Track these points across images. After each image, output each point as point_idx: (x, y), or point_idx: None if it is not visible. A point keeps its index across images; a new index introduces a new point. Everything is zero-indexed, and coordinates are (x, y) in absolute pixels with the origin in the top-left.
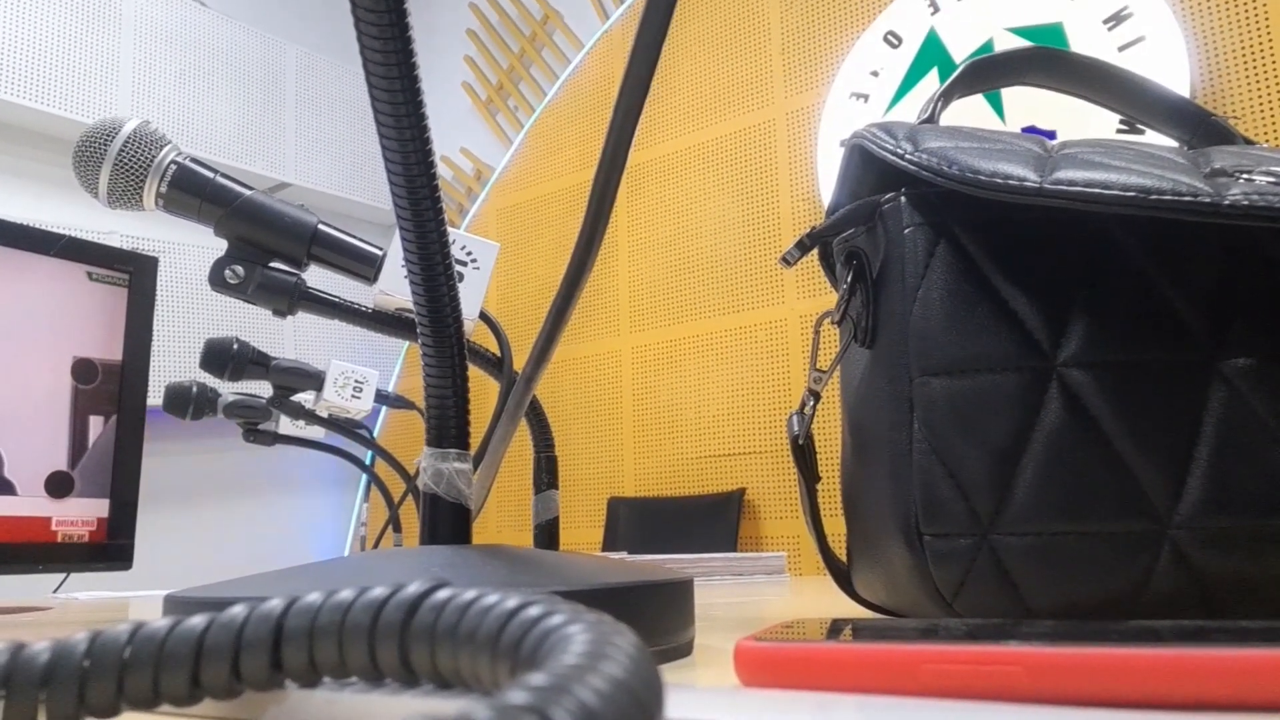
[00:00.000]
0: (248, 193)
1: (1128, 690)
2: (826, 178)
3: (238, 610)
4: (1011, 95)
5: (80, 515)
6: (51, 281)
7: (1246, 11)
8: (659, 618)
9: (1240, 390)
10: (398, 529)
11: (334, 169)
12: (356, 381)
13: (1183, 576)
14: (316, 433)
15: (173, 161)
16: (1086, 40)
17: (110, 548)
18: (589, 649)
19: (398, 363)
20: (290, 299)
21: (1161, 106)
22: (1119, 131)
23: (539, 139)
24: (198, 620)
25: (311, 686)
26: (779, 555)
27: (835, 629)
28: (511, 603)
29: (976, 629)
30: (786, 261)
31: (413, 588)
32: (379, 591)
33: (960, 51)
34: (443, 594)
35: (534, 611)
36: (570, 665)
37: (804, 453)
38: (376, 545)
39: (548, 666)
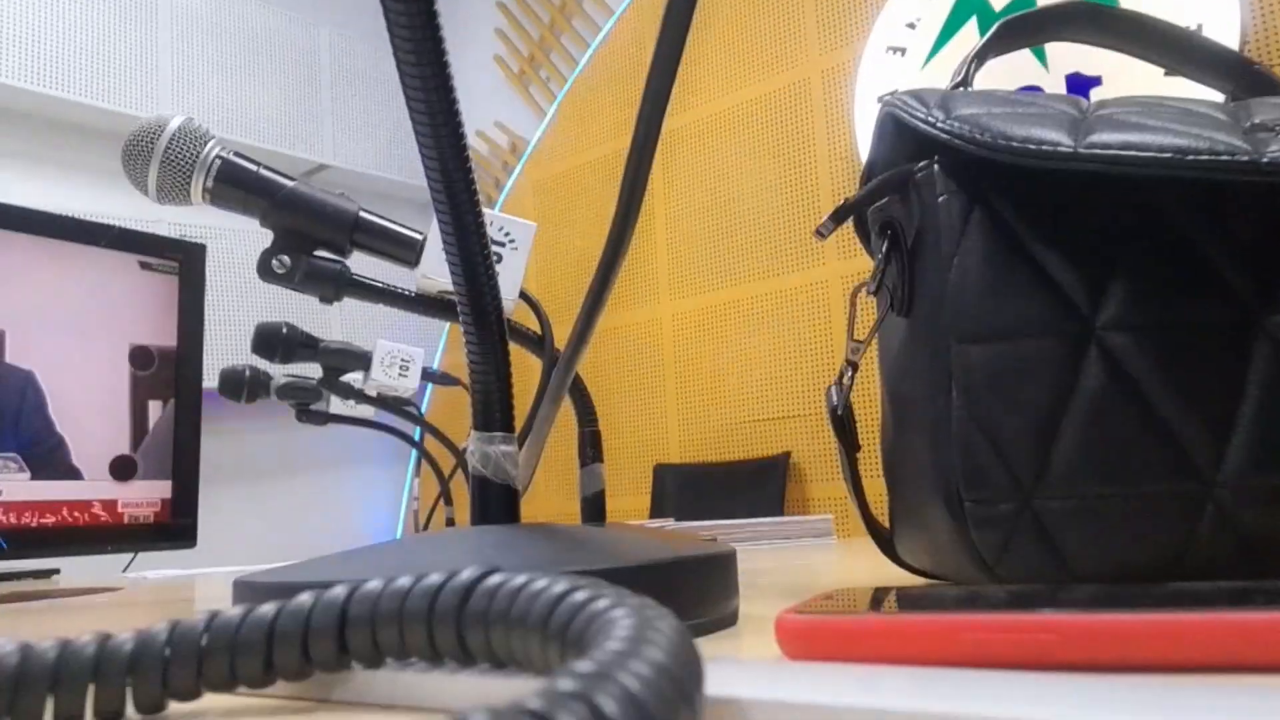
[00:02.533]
0: (290, 184)
1: (1164, 655)
2: (864, 135)
3: (305, 598)
4: (1055, 43)
5: (144, 497)
6: (104, 272)
7: None
8: (703, 591)
9: None
10: (449, 502)
11: (372, 150)
12: (403, 360)
13: (1227, 536)
14: (366, 411)
15: (217, 156)
16: None
17: (174, 527)
18: (632, 634)
19: (441, 339)
20: (336, 286)
21: (1204, 58)
22: (1167, 75)
23: (572, 109)
24: (268, 608)
25: (376, 667)
26: (825, 518)
27: (876, 599)
28: (559, 587)
29: (1015, 596)
30: (821, 235)
31: (466, 574)
32: (435, 578)
33: None
34: (494, 579)
35: (580, 596)
36: (615, 651)
37: (843, 423)
38: (429, 519)
39: (593, 653)
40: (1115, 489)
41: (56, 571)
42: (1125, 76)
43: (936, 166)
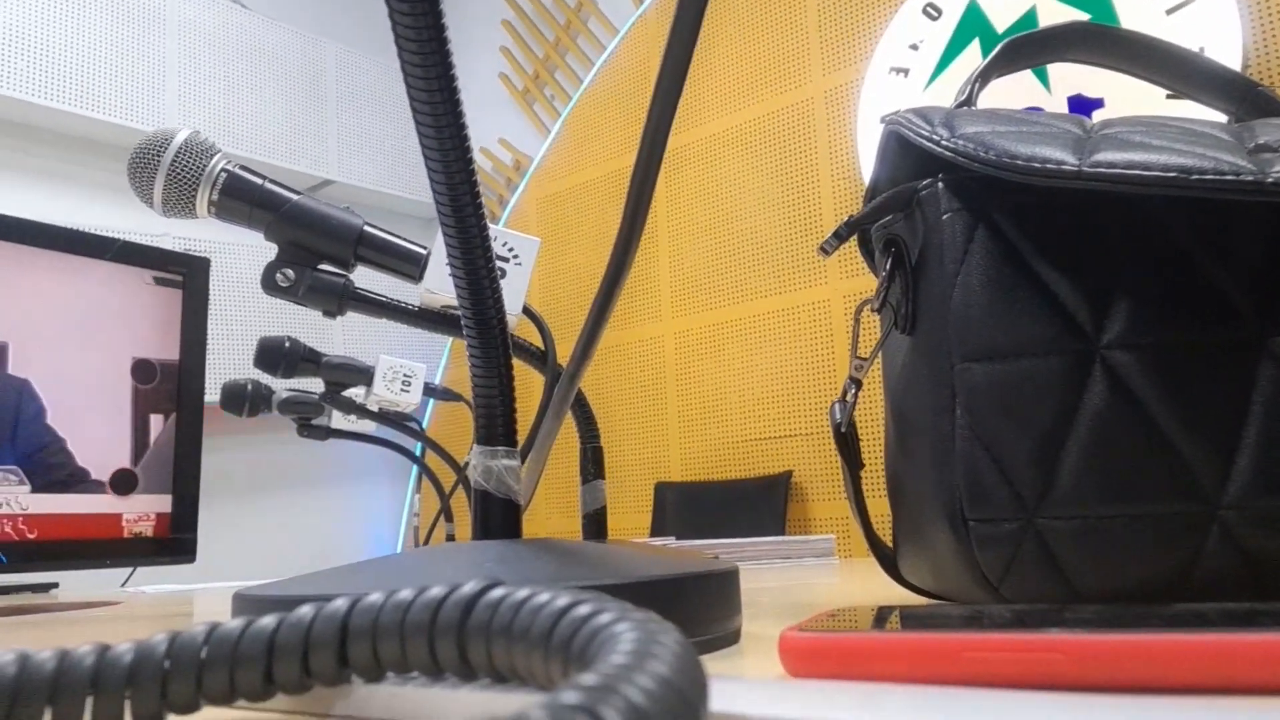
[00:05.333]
0: (295, 198)
1: (1172, 676)
2: (867, 155)
3: (306, 610)
4: (1057, 65)
5: (145, 511)
6: (109, 285)
7: None
8: (705, 608)
9: None
10: (449, 518)
11: (376, 165)
12: (405, 375)
13: (1232, 557)
14: (368, 426)
15: (223, 169)
16: (1132, 4)
17: (174, 542)
18: (636, 648)
19: (444, 355)
20: (339, 300)
21: (1207, 79)
22: (1169, 98)
23: (577, 127)
24: (269, 620)
25: (376, 681)
26: (828, 538)
27: (880, 617)
28: (562, 601)
29: (1020, 615)
30: (824, 251)
31: (468, 587)
32: (437, 591)
33: (1002, 21)
34: (497, 593)
35: (583, 610)
36: (619, 665)
37: (847, 440)
38: (429, 535)
39: (597, 666)
40: (1120, 509)
41: (55, 585)
42: (1128, 98)
43: (940, 184)
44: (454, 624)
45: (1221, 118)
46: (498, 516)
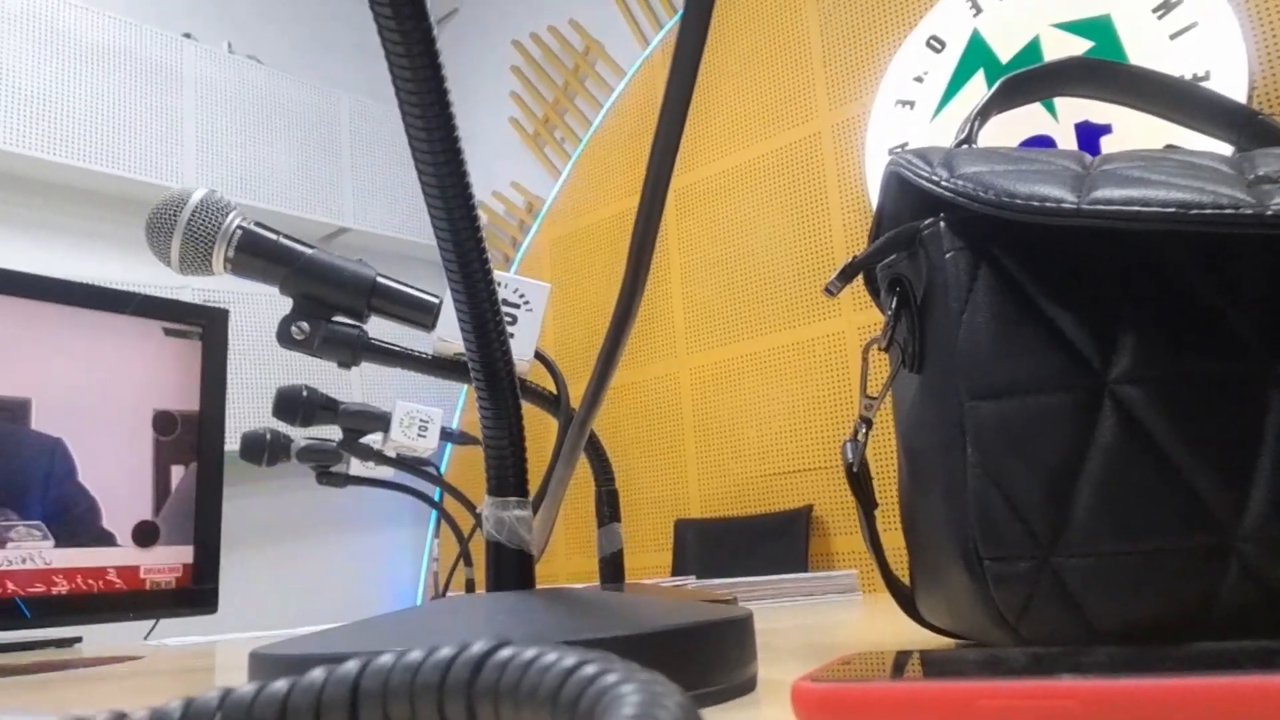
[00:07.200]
0: (309, 252)
1: None
2: (876, 187)
3: (318, 674)
4: None
5: (166, 562)
6: (129, 338)
7: None
8: (718, 657)
9: None
10: (469, 563)
11: (390, 212)
12: (421, 421)
13: (1252, 591)
14: (386, 472)
15: (238, 227)
16: (1136, 31)
17: (196, 593)
18: (640, 711)
19: (460, 399)
20: (354, 351)
21: (1207, 109)
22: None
23: (587, 168)
24: (281, 685)
25: None
26: (849, 574)
27: (896, 665)
28: (569, 661)
29: (1036, 660)
30: (830, 292)
31: (477, 647)
32: (446, 652)
33: (1006, 51)
34: (505, 653)
35: (589, 670)
36: None
37: (859, 480)
38: (449, 580)
39: None
40: (1135, 544)
41: (79, 639)
42: (1135, 124)
43: (942, 224)
44: (463, 684)
45: (1222, 148)
46: (510, 568)
